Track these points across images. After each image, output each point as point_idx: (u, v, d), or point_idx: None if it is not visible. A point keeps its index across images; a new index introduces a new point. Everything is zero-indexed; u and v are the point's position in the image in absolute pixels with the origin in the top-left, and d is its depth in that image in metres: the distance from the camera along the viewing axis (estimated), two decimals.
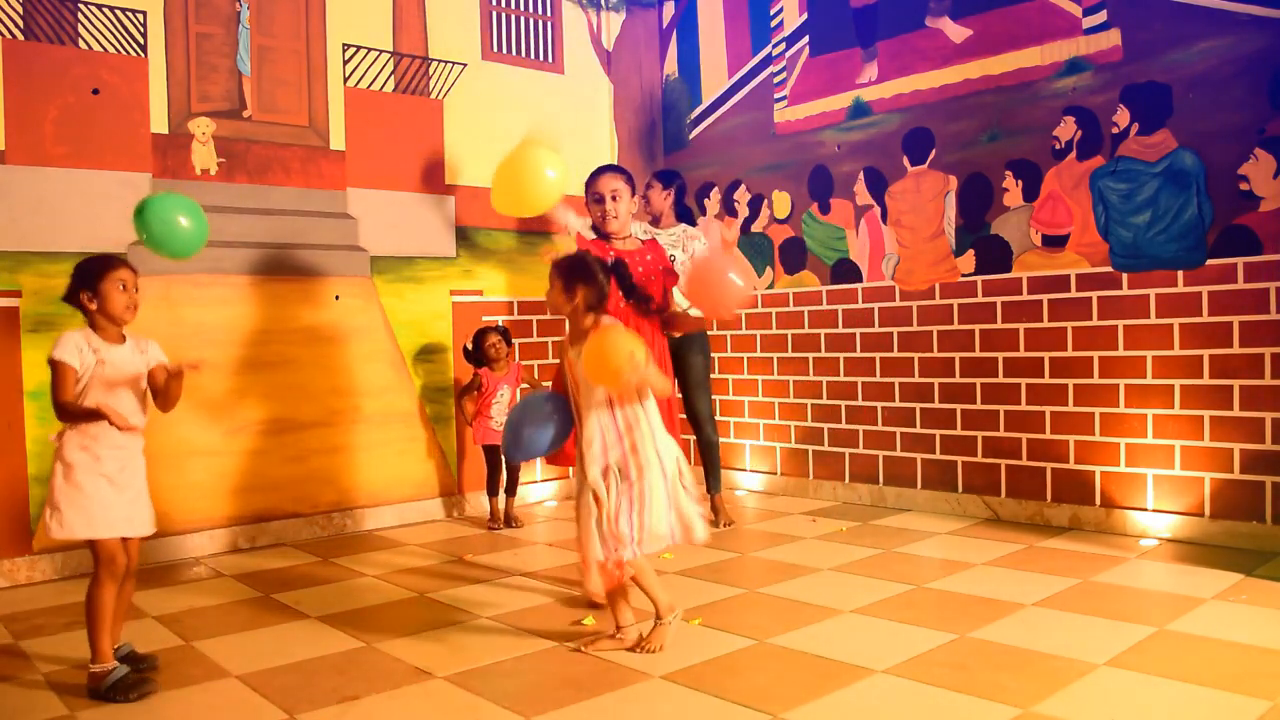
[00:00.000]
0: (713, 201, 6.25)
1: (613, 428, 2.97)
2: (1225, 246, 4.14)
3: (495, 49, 5.76)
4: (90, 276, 2.86)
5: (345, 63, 5.16)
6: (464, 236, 5.56)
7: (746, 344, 6.03)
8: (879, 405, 5.38)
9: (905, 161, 5.22)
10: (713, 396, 5.23)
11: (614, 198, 3.60)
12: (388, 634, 3.31)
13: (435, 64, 5.49)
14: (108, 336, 2.89)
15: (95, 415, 2.78)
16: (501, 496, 5.23)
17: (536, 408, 3.12)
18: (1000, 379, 4.85)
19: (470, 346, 5.24)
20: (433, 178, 5.45)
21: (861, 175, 5.42)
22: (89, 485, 2.79)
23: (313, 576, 4.17)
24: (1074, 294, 4.59)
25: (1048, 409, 4.68)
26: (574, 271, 2.98)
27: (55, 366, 2.80)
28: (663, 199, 4.97)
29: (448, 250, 5.50)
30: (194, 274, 4.59)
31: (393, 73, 5.33)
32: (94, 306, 2.86)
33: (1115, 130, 4.45)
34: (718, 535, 4.78)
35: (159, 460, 3.82)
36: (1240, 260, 4.10)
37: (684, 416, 4.90)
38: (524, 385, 5.34)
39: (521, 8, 5.89)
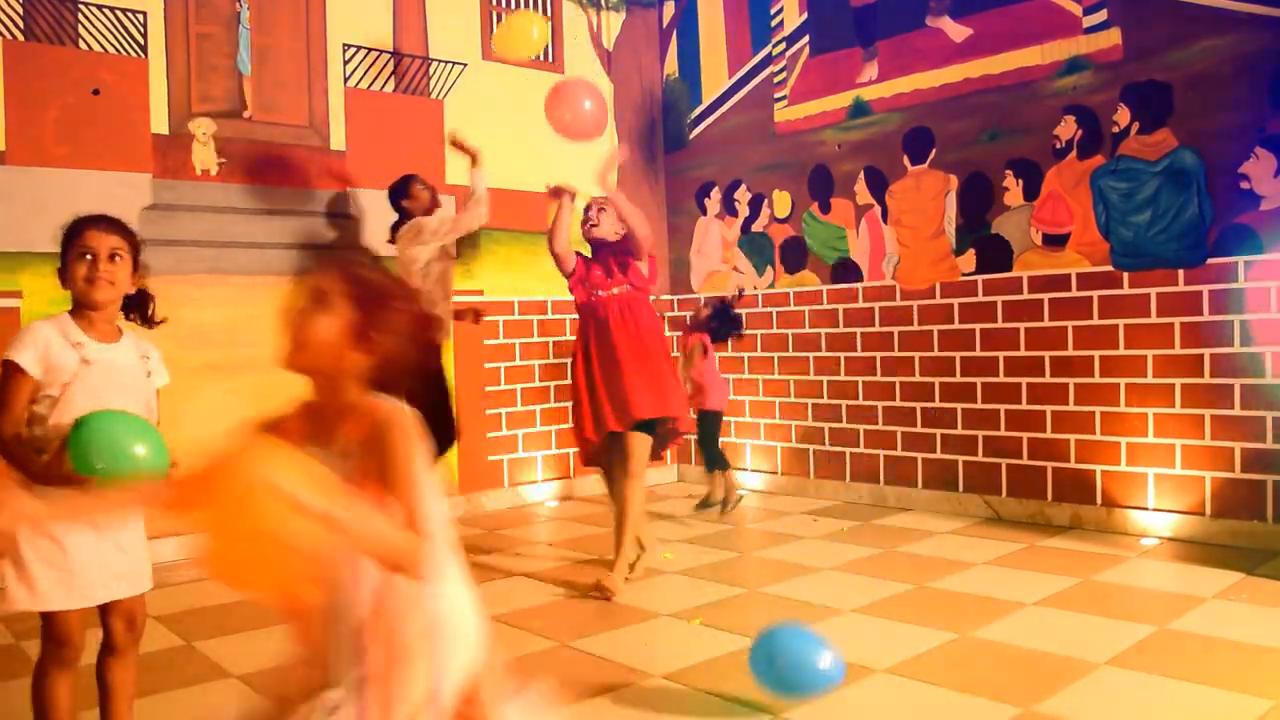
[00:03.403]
0: (713, 201, 6.25)
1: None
2: (1226, 245, 4.14)
3: (496, 49, 5.75)
4: (63, 244, 2.11)
5: (345, 63, 5.16)
6: (464, 236, 5.54)
7: (747, 344, 6.02)
8: (879, 405, 5.37)
9: (906, 161, 5.22)
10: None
11: (600, 209, 4.05)
12: None
13: (435, 64, 5.49)
14: (94, 329, 2.09)
15: (33, 474, 1.95)
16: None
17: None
18: (1001, 378, 4.85)
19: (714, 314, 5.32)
20: (433, 178, 5.44)
21: (862, 175, 5.42)
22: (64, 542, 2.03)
23: None
24: (1075, 293, 4.59)
25: (1048, 408, 4.68)
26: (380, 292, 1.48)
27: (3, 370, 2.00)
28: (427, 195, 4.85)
29: (448, 250, 5.48)
30: (194, 274, 4.59)
31: (393, 73, 5.33)
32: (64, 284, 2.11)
33: (1116, 129, 4.45)
34: (720, 535, 4.78)
35: None
36: (1241, 259, 4.10)
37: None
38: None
39: (522, 7, 5.88)
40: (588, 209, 4.09)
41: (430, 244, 4.60)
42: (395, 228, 4.77)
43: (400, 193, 4.75)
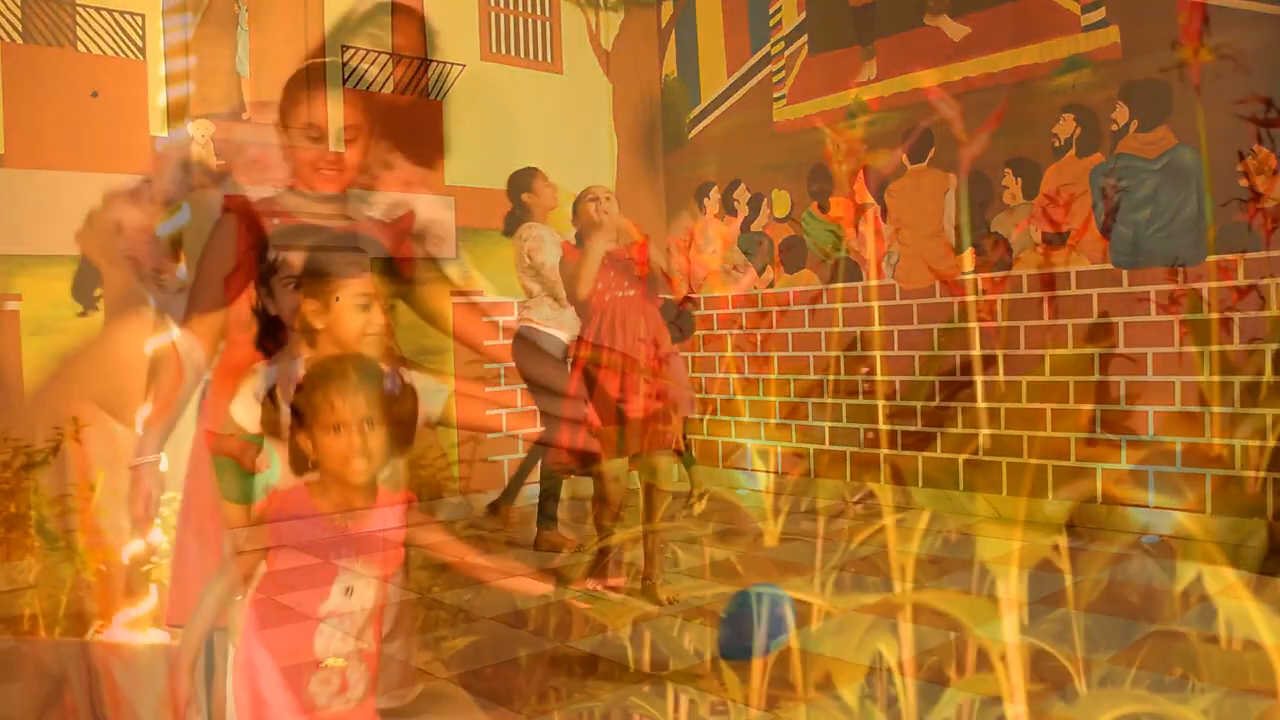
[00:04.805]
0: (712, 200, 6.25)
1: None
2: (1225, 243, 4.13)
3: (495, 49, 5.75)
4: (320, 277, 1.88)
5: (345, 63, 5.16)
6: (464, 237, 5.55)
7: (747, 343, 6.03)
8: (880, 404, 5.37)
9: (905, 160, 5.22)
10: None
11: (606, 198, 3.93)
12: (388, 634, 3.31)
13: (435, 64, 5.49)
14: None
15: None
16: None
17: None
18: (1001, 376, 4.85)
19: None
20: (432, 178, 5.45)
21: (861, 174, 5.41)
22: None
23: (313, 577, 4.16)
24: (1074, 291, 4.58)
25: (1048, 406, 4.68)
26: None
27: None
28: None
29: (448, 250, 5.49)
30: None
31: (393, 73, 5.33)
32: (320, 325, 1.90)
33: (1115, 128, 4.44)
34: (720, 535, 4.78)
35: None
36: (1240, 257, 4.10)
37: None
38: None
39: (521, 8, 5.88)
40: (597, 195, 3.88)
41: (537, 264, 4.44)
42: (513, 220, 4.56)
43: (523, 185, 4.52)
